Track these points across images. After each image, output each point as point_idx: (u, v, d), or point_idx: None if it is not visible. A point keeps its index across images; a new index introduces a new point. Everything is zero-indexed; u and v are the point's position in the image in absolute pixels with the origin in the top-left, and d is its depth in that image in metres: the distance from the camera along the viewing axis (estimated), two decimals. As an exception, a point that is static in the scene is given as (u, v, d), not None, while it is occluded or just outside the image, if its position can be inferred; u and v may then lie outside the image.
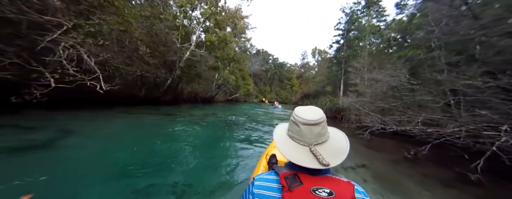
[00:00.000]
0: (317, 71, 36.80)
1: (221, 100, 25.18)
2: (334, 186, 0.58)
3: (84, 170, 2.46)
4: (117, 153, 3.14)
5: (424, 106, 6.15)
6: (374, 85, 9.31)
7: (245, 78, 40.06)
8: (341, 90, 19.15)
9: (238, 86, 30.82)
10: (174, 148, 3.77)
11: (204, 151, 3.86)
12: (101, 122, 5.25)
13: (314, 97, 23.88)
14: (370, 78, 10.14)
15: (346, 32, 19.27)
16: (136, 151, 3.29)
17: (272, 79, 56.39)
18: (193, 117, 8.16)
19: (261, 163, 2.02)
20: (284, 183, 0.58)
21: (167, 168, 2.75)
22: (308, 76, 41.97)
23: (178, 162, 3.07)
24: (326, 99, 17.17)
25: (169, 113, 8.43)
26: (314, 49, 48.88)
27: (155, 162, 2.89)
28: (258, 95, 44.39)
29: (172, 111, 9.16)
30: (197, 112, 10.27)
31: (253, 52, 53.10)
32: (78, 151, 3.08)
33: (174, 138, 4.67)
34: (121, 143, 3.70)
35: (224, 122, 7.73)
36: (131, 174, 2.45)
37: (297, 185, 0.57)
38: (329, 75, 21.36)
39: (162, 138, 4.46)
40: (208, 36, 10.51)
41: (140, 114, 7.30)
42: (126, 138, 4.18)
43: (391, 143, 6.09)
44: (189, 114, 8.80)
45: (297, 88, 51.48)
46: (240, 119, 8.44)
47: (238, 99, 32.28)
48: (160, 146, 3.81)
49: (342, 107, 13.70)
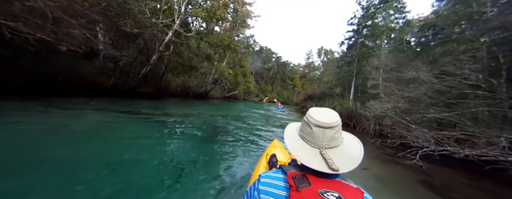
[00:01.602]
0: (322, 72, 34.64)
1: (218, 96, 23.05)
2: (343, 191, 0.56)
3: None
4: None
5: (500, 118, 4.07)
6: (401, 88, 7.20)
7: (246, 76, 38.05)
8: (351, 93, 17.04)
9: (237, 83, 28.74)
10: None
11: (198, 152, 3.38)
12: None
13: (319, 100, 21.75)
14: (397, 80, 8.07)
15: (361, 28, 17.12)
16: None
17: (274, 79, 54.56)
18: (166, 117, 6.07)
19: (261, 163, 2.03)
20: (292, 183, 0.57)
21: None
22: (312, 76, 39.80)
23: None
24: (335, 102, 15.07)
25: (134, 109, 6.34)
26: (320, 49, 46.66)
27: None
28: (258, 94, 42.37)
29: (143, 107, 7.09)
30: (179, 110, 8.19)
31: (256, 49, 51.15)
32: None
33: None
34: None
35: (199, 132, 5.63)
36: None
37: (305, 186, 0.56)
38: (338, 75, 19.21)
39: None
40: (194, 11, 8.36)
41: (82, 109, 5.15)
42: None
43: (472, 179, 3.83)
44: (164, 113, 6.71)
45: (300, 89, 49.61)
46: (229, 127, 6.34)
47: (237, 97, 30.04)
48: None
49: (355, 113, 11.64)
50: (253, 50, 47.64)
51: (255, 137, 5.00)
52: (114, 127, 4.18)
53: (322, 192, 0.54)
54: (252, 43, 48.33)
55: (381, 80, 9.77)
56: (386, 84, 9.40)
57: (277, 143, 2.67)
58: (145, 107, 7.21)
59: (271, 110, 16.88)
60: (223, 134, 5.02)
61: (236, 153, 3.59)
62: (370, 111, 7.47)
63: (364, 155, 0.65)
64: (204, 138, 4.40)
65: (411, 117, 5.42)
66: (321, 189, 0.55)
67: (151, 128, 4.61)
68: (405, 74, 6.04)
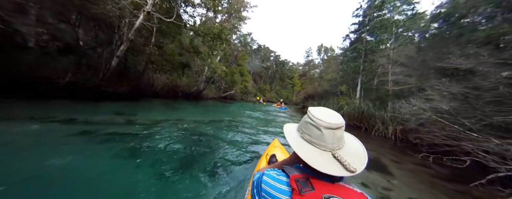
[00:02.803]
0: (322, 70, 33.08)
1: (212, 96, 21.37)
2: (347, 196, 0.55)
3: None
4: None
5: None
6: (442, 83, 5.54)
7: (244, 75, 36.43)
8: (358, 91, 15.46)
9: (234, 82, 27.09)
10: None
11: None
12: None
13: (321, 99, 20.14)
14: (421, 75, 6.49)
15: (368, 20, 15.56)
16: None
17: (273, 78, 53.23)
18: (124, 127, 4.43)
19: (261, 163, 2.03)
20: (295, 186, 0.56)
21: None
22: (312, 75, 38.30)
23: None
24: (341, 101, 13.48)
25: (80, 117, 4.69)
26: (320, 46, 45.13)
27: None
28: (257, 94, 40.76)
29: (101, 112, 5.46)
30: (153, 115, 6.55)
31: (253, 47, 49.62)
32: None
33: None
34: None
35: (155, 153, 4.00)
36: None
37: (309, 190, 0.54)
38: (343, 72, 17.61)
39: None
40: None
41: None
42: None
43: None
44: (128, 120, 5.05)
45: (299, 88, 48.29)
46: (211, 144, 4.74)
47: (233, 97, 28.31)
48: None
49: (367, 113, 10.06)
50: (250, 48, 46.16)
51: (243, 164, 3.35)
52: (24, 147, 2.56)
53: (326, 197, 0.53)
54: (249, 41, 46.92)
55: (402, 76, 8.15)
56: (407, 81, 7.81)
57: (277, 143, 2.59)
58: (103, 111, 5.56)
59: (270, 112, 15.26)
60: (199, 158, 3.38)
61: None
62: (400, 113, 5.86)
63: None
64: (165, 164, 2.77)
65: (460, 120, 3.83)
66: (324, 194, 0.53)
67: (88, 148, 2.99)
68: (452, 63, 4.43)
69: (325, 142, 0.60)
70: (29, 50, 5.57)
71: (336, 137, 0.60)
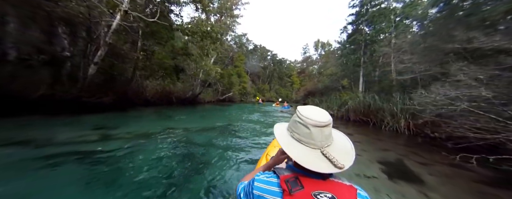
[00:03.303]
0: (321, 65, 32.38)
1: (210, 100, 20.70)
2: (336, 190, 0.55)
3: None
4: None
5: None
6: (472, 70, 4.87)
7: (241, 76, 35.82)
8: (360, 85, 14.79)
9: (231, 84, 26.44)
10: None
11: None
12: None
13: (322, 95, 19.46)
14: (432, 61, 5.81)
15: (365, 9, 14.92)
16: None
17: (271, 77, 52.71)
18: (100, 145, 3.78)
19: (261, 163, 2.01)
20: (285, 187, 0.56)
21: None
22: (311, 71, 37.63)
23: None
24: (344, 96, 12.79)
25: (51, 136, 4.04)
26: (317, 42, 44.47)
27: None
28: (256, 94, 40.12)
29: (77, 128, 4.81)
30: (139, 126, 5.90)
31: (249, 47, 49.06)
32: None
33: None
34: None
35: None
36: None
37: (298, 189, 0.54)
38: (343, 66, 16.94)
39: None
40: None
41: None
42: None
43: None
44: (104, 135, 4.39)
45: (298, 86, 47.75)
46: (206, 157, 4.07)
47: (232, 99, 27.63)
48: None
49: (374, 107, 9.37)
50: (246, 49, 45.54)
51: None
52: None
53: (316, 194, 0.53)
54: (245, 42, 46.30)
55: (410, 64, 7.45)
56: (414, 69, 7.12)
57: (277, 143, 2.36)
58: (79, 127, 4.88)
59: (270, 113, 14.60)
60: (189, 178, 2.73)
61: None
62: (412, 104, 5.17)
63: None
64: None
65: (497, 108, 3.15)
66: (314, 191, 0.54)
67: (44, 175, 2.32)
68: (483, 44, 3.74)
69: (314, 139, 0.60)
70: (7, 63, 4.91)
71: (324, 134, 0.60)
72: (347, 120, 10.79)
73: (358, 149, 4.45)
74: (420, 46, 7.25)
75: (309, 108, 0.66)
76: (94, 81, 7.12)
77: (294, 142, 0.63)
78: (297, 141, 0.63)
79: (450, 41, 5.07)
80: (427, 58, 6.59)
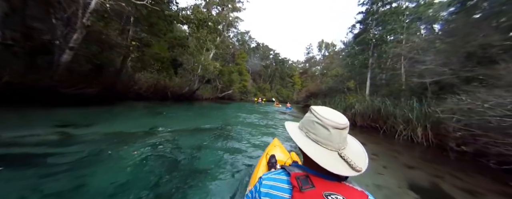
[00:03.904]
0: (324, 66, 31.52)
1: (209, 97, 19.89)
2: (348, 194, 0.54)
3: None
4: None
5: None
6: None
7: (243, 74, 35.04)
8: (367, 87, 13.99)
9: (231, 81, 25.64)
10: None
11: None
12: None
13: (325, 97, 18.64)
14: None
15: (376, 7, 14.09)
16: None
17: (273, 77, 51.94)
18: (59, 148, 3.00)
19: (261, 163, 1.98)
20: (295, 183, 0.55)
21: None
22: (314, 72, 36.80)
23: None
24: (350, 99, 11.99)
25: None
26: (321, 42, 43.57)
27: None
28: (257, 93, 39.36)
29: (41, 124, 4.03)
30: (118, 124, 5.15)
31: (252, 45, 48.24)
32: None
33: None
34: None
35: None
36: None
37: (309, 188, 0.54)
38: (350, 67, 16.10)
39: None
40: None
41: None
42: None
43: None
44: (73, 134, 3.62)
45: (299, 86, 47.01)
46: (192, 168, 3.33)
47: (232, 97, 26.80)
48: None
49: (385, 112, 8.58)
50: (249, 46, 44.69)
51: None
52: None
53: (327, 195, 0.53)
54: (247, 40, 45.45)
55: (433, 65, 6.63)
56: (436, 71, 6.30)
57: (277, 142, 2.56)
58: (42, 122, 4.09)
59: (268, 113, 13.85)
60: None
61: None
62: (433, 111, 4.39)
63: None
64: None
65: None
66: (325, 192, 0.53)
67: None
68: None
69: (332, 141, 0.59)
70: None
71: (342, 137, 0.60)
72: (353, 124, 10.01)
73: (377, 164, 3.68)
74: (444, 45, 6.43)
75: (324, 108, 0.65)
76: (75, 70, 6.34)
77: (311, 142, 0.61)
78: (314, 142, 0.61)
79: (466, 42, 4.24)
80: (455, 59, 5.78)
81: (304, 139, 0.63)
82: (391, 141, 6.57)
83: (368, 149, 3.54)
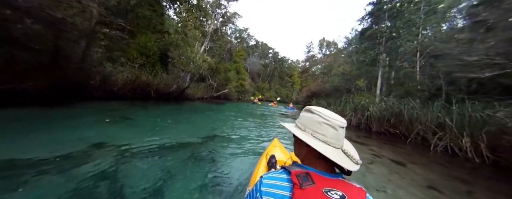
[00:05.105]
0: (326, 64, 29.97)
1: (202, 96, 18.22)
2: (347, 190, 0.56)
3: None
4: None
5: None
6: None
7: (240, 72, 33.40)
8: (378, 87, 12.43)
9: (227, 79, 24.00)
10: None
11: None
12: None
13: (328, 96, 17.06)
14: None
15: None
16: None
17: (272, 76, 50.34)
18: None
19: (261, 163, 1.98)
20: (296, 181, 0.56)
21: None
22: (314, 71, 35.27)
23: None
24: (361, 99, 10.39)
25: None
26: (322, 40, 42.06)
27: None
28: (255, 93, 37.75)
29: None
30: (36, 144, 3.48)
31: (250, 43, 46.62)
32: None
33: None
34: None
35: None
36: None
37: (309, 184, 0.55)
38: (358, 64, 14.53)
39: None
40: None
41: None
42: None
43: None
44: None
45: (299, 86, 45.56)
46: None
47: (228, 96, 25.07)
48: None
49: (408, 115, 7.00)
50: (247, 44, 43.04)
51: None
52: None
53: (326, 191, 0.54)
54: (246, 37, 43.80)
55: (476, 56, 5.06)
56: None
57: (277, 143, 2.57)
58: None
59: (267, 116, 12.25)
60: None
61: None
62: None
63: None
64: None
65: None
66: (325, 188, 0.55)
67: None
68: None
69: (338, 140, 0.62)
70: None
71: (343, 134, 0.64)
72: (367, 130, 8.44)
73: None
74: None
75: (323, 109, 0.67)
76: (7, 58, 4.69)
77: (319, 142, 0.63)
78: (323, 143, 0.63)
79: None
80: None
81: (313, 139, 0.63)
82: (425, 154, 4.99)
83: (401, 171, 2.92)
